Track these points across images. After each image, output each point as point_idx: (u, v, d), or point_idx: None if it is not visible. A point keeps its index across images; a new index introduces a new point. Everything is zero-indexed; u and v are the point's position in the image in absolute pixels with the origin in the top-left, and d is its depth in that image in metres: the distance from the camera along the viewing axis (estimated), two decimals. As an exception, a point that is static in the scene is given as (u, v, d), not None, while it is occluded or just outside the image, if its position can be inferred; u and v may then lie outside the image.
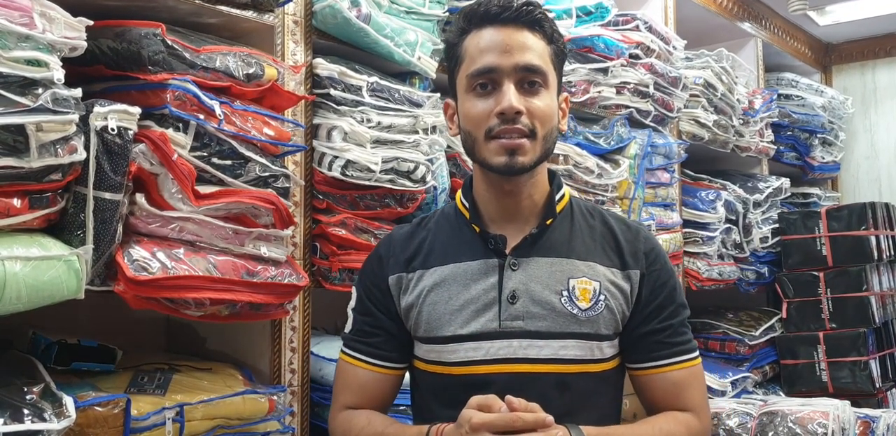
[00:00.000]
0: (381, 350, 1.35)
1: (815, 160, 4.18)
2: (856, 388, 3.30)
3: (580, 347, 1.25)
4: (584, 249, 1.31)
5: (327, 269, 1.75)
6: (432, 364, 1.31)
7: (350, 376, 1.37)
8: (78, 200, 1.26)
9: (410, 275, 1.33)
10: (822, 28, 4.36)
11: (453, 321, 1.27)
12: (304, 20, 1.75)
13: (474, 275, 1.29)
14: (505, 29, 1.24)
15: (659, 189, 2.91)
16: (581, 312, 1.26)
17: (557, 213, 1.33)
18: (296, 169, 1.71)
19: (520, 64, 1.22)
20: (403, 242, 1.38)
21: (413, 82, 1.97)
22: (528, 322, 1.25)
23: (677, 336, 1.32)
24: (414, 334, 1.34)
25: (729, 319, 3.45)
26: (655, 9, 3.09)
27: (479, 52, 1.24)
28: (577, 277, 1.28)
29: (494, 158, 1.24)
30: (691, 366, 1.31)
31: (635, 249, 1.33)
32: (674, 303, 1.33)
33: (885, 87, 4.61)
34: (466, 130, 1.27)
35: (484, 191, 1.33)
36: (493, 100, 1.23)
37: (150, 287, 1.31)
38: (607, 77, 2.57)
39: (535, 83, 1.24)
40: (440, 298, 1.29)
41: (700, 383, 1.33)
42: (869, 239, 3.43)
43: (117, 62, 1.39)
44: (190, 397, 1.43)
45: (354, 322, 1.39)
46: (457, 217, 1.37)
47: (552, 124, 1.26)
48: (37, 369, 1.32)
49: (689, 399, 1.30)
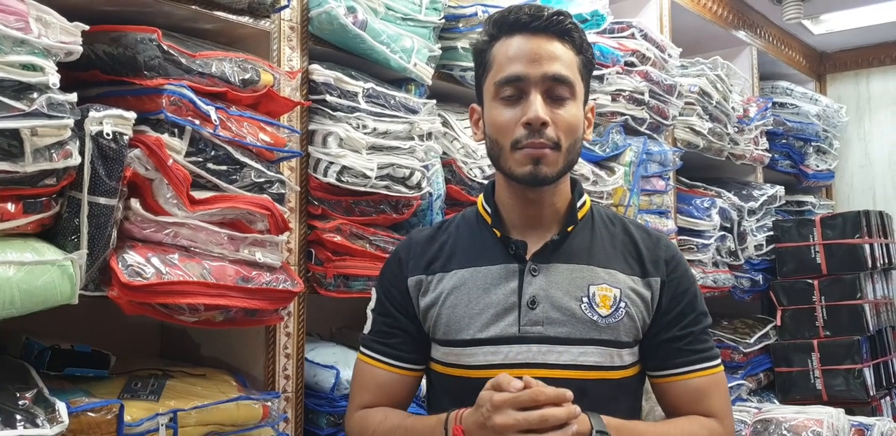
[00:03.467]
0: (400, 351, 1.35)
1: (810, 168, 4.19)
2: (850, 396, 3.30)
3: (600, 353, 1.25)
4: (605, 256, 1.31)
5: (322, 275, 1.75)
6: (450, 367, 1.30)
7: (368, 377, 1.36)
8: (72, 204, 1.25)
9: (430, 277, 1.33)
10: (816, 37, 4.38)
11: (472, 325, 1.27)
12: (300, 26, 1.75)
13: (495, 279, 1.28)
14: (535, 38, 1.24)
15: (654, 196, 2.91)
16: (601, 318, 1.25)
17: (579, 220, 1.32)
18: (291, 175, 1.71)
19: (548, 74, 1.22)
20: (424, 244, 1.38)
21: (409, 89, 1.97)
22: (548, 328, 1.24)
23: (698, 344, 1.31)
24: (432, 337, 1.33)
25: (723, 327, 3.45)
26: (651, 17, 3.10)
27: (508, 60, 1.24)
28: (598, 284, 1.27)
29: (519, 169, 1.23)
30: (713, 373, 1.30)
31: (656, 257, 1.32)
32: (694, 311, 1.32)
33: (878, 95, 4.63)
34: (493, 138, 1.27)
35: (506, 198, 1.33)
36: (520, 109, 1.22)
37: (145, 293, 1.31)
38: (603, 84, 2.58)
39: (562, 93, 1.23)
40: (460, 301, 1.29)
41: (723, 390, 1.31)
42: (863, 247, 3.44)
43: (113, 67, 1.39)
44: (183, 403, 1.42)
45: (374, 323, 1.38)
46: (478, 222, 1.37)
47: (577, 136, 1.26)
48: (30, 375, 1.31)
49: (711, 406, 1.28)
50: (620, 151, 2.65)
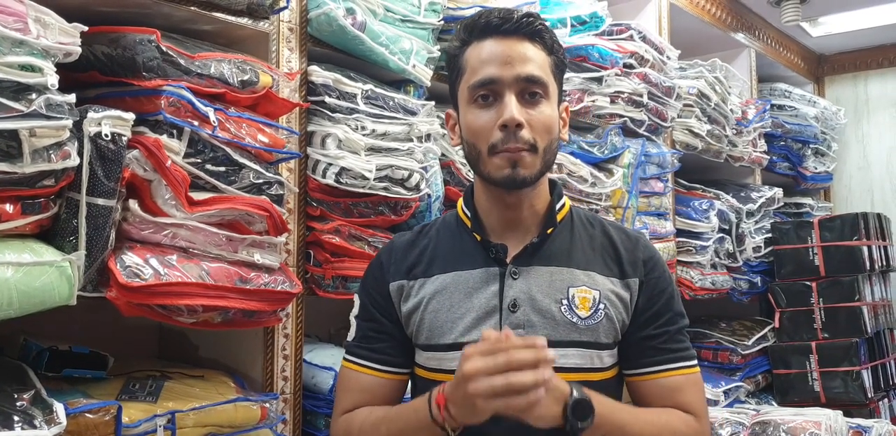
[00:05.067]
0: (386, 355, 1.35)
1: (808, 170, 4.20)
2: (848, 398, 3.30)
3: (580, 355, 1.26)
4: (584, 258, 1.32)
5: (321, 276, 1.75)
6: (433, 372, 1.31)
7: (354, 383, 1.35)
8: (71, 205, 1.25)
9: (412, 282, 1.34)
10: (814, 39, 4.38)
11: (455, 329, 1.27)
12: (299, 27, 1.75)
13: (476, 283, 1.29)
14: (506, 40, 1.25)
15: (652, 198, 2.91)
16: (581, 320, 1.26)
17: (558, 222, 1.33)
18: (290, 176, 1.71)
19: (521, 75, 1.23)
20: (405, 249, 1.38)
21: (408, 90, 1.97)
22: (529, 331, 1.25)
23: (674, 343, 1.31)
24: (415, 342, 1.33)
25: (722, 329, 3.45)
26: (650, 19, 3.10)
27: (481, 64, 1.25)
28: (577, 285, 1.28)
29: (497, 173, 1.24)
30: (689, 373, 1.30)
31: (634, 258, 1.33)
32: (671, 311, 1.33)
33: (876, 97, 4.63)
34: (469, 141, 1.27)
35: (485, 201, 1.33)
36: (495, 111, 1.23)
37: (143, 294, 1.31)
38: (601, 86, 2.58)
39: (536, 94, 1.24)
40: (441, 305, 1.29)
41: (698, 389, 1.32)
42: (861, 249, 3.45)
43: (112, 68, 1.39)
44: (181, 404, 1.42)
45: (358, 329, 1.38)
46: (458, 226, 1.37)
47: (553, 136, 1.27)
48: (28, 376, 1.31)
49: (686, 403, 1.28)
50: (619, 153, 2.65)
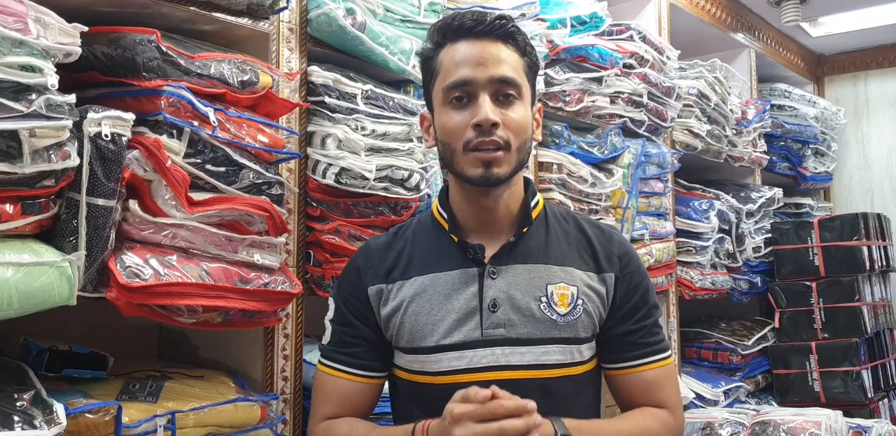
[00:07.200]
0: (362, 360, 1.36)
1: (808, 170, 4.20)
2: (848, 398, 3.30)
3: (561, 351, 1.28)
4: (561, 254, 1.34)
5: (321, 276, 1.75)
6: (415, 374, 1.32)
7: (330, 387, 1.37)
8: (71, 206, 1.25)
9: (390, 286, 1.34)
10: (814, 39, 4.39)
11: (436, 331, 1.29)
12: (299, 28, 1.75)
13: (455, 284, 1.30)
14: (479, 42, 1.26)
15: (652, 198, 2.92)
16: (560, 317, 1.28)
17: (533, 220, 1.35)
18: (290, 176, 1.71)
19: (495, 76, 1.24)
20: (381, 252, 1.39)
21: (408, 90, 1.97)
22: (510, 329, 1.27)
23: (650, 337, 1.35)
24: (395, 345, 1.34)
25: (722, 329, 3.45)
26: (649, 19, 3.11)
27: (455, 66, 1.26)
28: (555, 282, 1.30)
29: (471, 170, 1.26)
30: (664, 365, 1.35)
31: (609, 253, 1.36)
32: (647, 305, 1.36)
33: (876, 98, 4.63)
34: (444, 141, 1.29)
35: (460, 201, 1.35)
36: (469, 112, 1.25)
37: (143, 294, 1.31)
38: (601, 86, 2.58)
39: (509, 95, 1.26)
40: (422, 308, 1.30)
41: (673, 381, 1.37)
42: (861, 249, 3.45)
43: (112, 68, 1.39)
44: (182, 404, 1.42)
45: (334, 333, 1.40)
46: (434, 227, 1.39)
47: (526, 135, 1.28)
48: (27, 376, 1.31)
49: (663, 397, 1.33)
50: (619, 153, 2.65)
